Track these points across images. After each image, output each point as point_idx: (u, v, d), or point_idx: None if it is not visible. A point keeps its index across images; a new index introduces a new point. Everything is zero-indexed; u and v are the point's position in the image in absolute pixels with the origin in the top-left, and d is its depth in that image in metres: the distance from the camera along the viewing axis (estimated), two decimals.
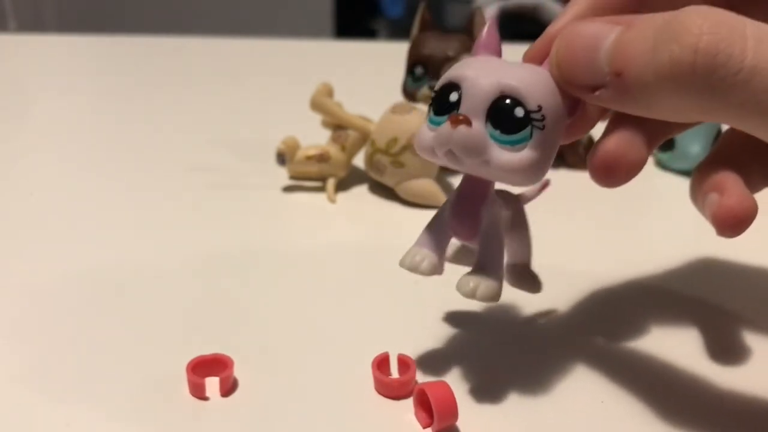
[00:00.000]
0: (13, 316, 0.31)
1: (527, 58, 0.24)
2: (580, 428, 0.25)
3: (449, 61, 0.45)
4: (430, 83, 0.45)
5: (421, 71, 0.46)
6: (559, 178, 0.49)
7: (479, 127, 0.22)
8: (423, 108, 0.45)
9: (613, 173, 0.22)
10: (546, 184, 0.30)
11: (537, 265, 0.29)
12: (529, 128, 0.22)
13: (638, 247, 0.39)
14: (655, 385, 0.27)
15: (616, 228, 0.42)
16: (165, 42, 0.91)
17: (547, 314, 0.31)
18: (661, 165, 0.49)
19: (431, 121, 0.23)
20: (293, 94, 0.52)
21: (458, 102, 0.22)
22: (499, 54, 0.24)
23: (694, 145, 0.46)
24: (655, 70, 0.19)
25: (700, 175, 0.24)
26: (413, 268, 0.24)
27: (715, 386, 0.27)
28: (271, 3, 1.72)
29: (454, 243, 0.27)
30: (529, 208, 0.28)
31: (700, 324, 0.31)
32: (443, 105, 0.22)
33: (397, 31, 1.86)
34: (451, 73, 0.23)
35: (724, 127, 0.25)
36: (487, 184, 0.24)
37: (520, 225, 0.28)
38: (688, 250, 0.38)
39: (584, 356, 0.29)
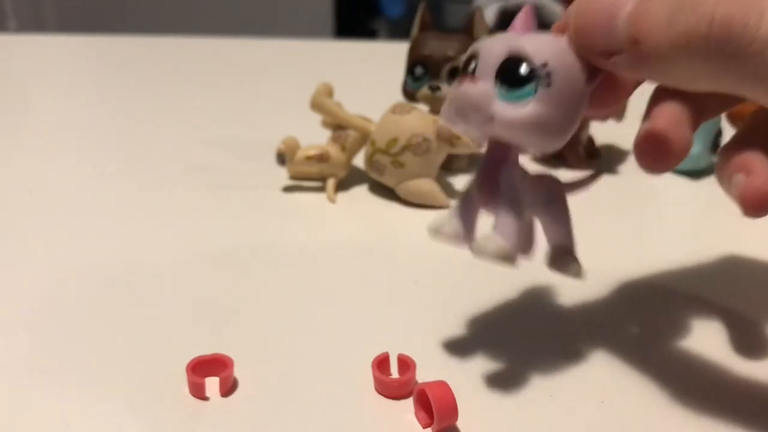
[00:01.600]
0: (13, 315, 0.31)
1: (554, 29, 0.24)
2: (580, 428, 0.25)
3: (449, 61, 0.45)
4: (430, 83, 0.45)
5: (421, 71, 0.46)
6: (559, 178, 0.49)
7: (484, 85, 0.23)
8: (423, 108, 0.45)
9: (664, 155, 0.22)
10: (596, 176, 0.29)
11: (535, 265, 0.29)
12: (533, 83, 0.22)
13: (638, 247, 0.39)
14: (655, 385, 0.27)
15: (616, 228, 0.42)
16: (165, 42, 0.91)
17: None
18: None
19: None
20: (293, 94, 0.52)
21: (476, 69, 0.23)
22: (533, 31, 0.24)
23: (694, 145, 0.46)
24: (671, 40, 0.20)
25: (726, 155, 0.23)
26: (436, 229, 0.26)
27: (717, 386, 0.27)
28: (271, 3, 1.72)
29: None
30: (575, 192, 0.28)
31: (700, 324, 0.31)
32: (463, 73, 0.24)
33: (397, 31, 1.86)
34: (473, 46, 0.24)
35: (724, 126, 0.25)
36: (506, 149, 0.25)
37: (554, 207, 0.27)
38: (688, 249, 0.38)
39: (584, 356, 0.29)
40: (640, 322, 0.31)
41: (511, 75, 0.22)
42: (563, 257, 0.27)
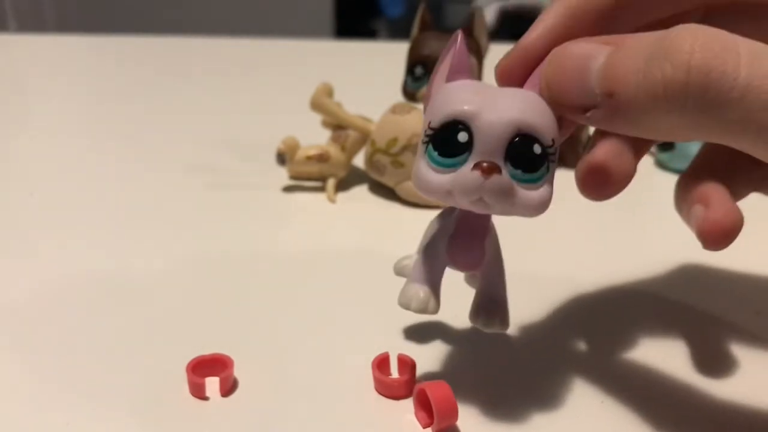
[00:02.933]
0: (13, 315, 0.31)
1: (501, 69, 0.23)
2: (580, 428, 0.25)
3: None
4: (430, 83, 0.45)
5: (421, 71, 0.46)
6: (558, 178, 0.49)
7: (506, 172, 0.21)
8: (423, 108, 0.45)
9: (603, 185, 0.22)
10: None
11: (535, 265, 0.29)
12: (546, 164, 0.21)
13: (638, 247, 0.39)
14: (654, 385, 0.27)
15: (616, 228, 0.42)
16: (165, 42, 0.91)
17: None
18: (661, 165, 0.49)
19: (436, 162, 0.21)
20: (293, 94, 0.52)
21: (469, 143, 0.21)
22: (470, 74, 0.23)
23: (693, 145, 0.46)
24: (647, 90, 0.19)
25: (684, 185, 0.23)
26: (421, 310, 0.24)
27: (712, 390, 0.27)
28: (271, 3, 1.72)
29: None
30: None
31: (701, 326, 0.31)
32: (451, 146, 0.21)
33: (397, 31, 1.86)
34: (448, 109, 0.21)
35: None
36: (488, 217, 0.24)
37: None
38: (688, 250, 0.38)
39: (584, 356, 0.29)
40: (641, 323, 0.31)
41: (528, 158, 0.21)
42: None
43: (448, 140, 0.21)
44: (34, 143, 0.54)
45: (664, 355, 0.29)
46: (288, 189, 0.45)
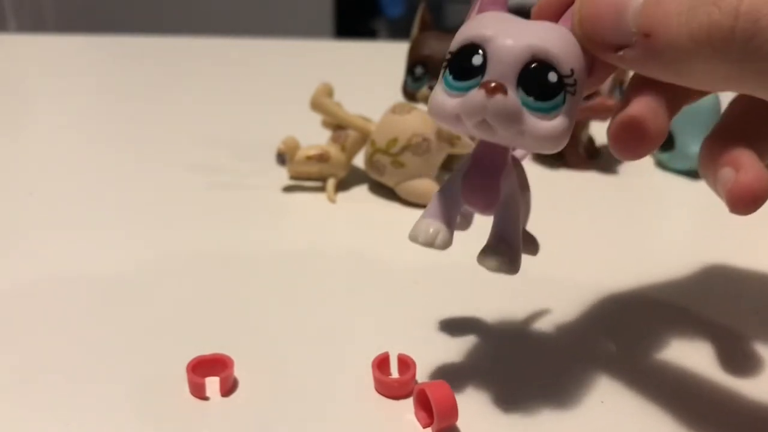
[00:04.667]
0: (13, 314, 0.31)
1: (538, 9, 0.23)
2: (580, 428, 0.25)
3: None
4: (430, 83, 0.45)
5: (421, 71, 0.46)
6: (559, 178, 0.49)
7: (514, 95, 0.20)
8: (423, 108, 0.45)
9: (639, 141, 0.21)
10: None
11: (535, 265, 0.29)
12: (562, 94, 0.20)
13: (638, 247, 0.39)
14: (654, 385, 0.27)
15: (616, 228, 0.42)
16: (165, 42, 0.91)
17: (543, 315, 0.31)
18: (661, 165, 0.49)
19: (449, 86, 0.21)
20: (293, 94, 0.52)
21: (483, 66, 0.21)
22: (502, 8, 0.22)
23: (694, 145, 0.46)
24: (691, 33, 0.18)
25: (711, 147, 0.22)
26: (428, 243, 0.23)
27: (714, 390, 0.27)
28: (271, 3, 1.72)
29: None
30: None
31: (702, 328, 0.31)
32: (465, 68, 0.21)
33: (397, 31, 1.86)
34: (469, 33, 0.21)
35: None
36: (506, 153, 0.23)
37: (523, 188, 0.26)
38: (688, 250, 0.38)
39: (584, 356, 0.29)
40: (641, 324, 0.31)
41: (542, 86, 0.20)
42: (525, 238, 0.26)
43: (463, 63, 0.21)
44: (34, 143, 0.54)
45: (664, 355, 0.29)
46: (288, 189, 0.45)
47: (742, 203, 0.20)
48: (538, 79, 0.20)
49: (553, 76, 0.20)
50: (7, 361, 0.28)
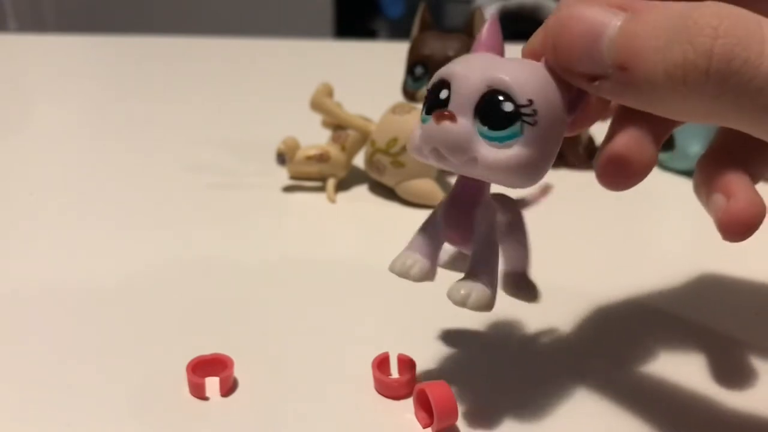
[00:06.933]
0: (14, 315, 0.31)
1: (527, 52, 0.23)
2: (580, 428, 0.25)
3: (449, 61, 0.45)
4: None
5: (421, 71, 0.46)
6: (559, 178, 0.49)
7: (465, 123, 0.21)
8: None
9: (624, 175, 0.21)
10: (547, 190, 0.29)
11: (535, 266, 0.29)
12: (518, 124, 0.20)
13: (638, 247, 0.39)
14: (654, 387, 0.27)
15: (616, 228, 0.42)
16: (165, 42, 0.91)
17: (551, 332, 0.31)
18: (661, 165, 0.49)
19: (423, 120, 0.22)
20: (293, 94, 0.52)
21: (448, 99, 0.21)
22: (500, 53, 0.23)
23: (694, 145, 0.46)
24: (666, 70, 0.18)
25: (703, 169, 0.22)
26: (403, 274, 0.24)
27: (712, 392, 0.27)
28: (271, 3, 1.72)
29: (449, 248, 0.26)
30: (527, 209, 0.28)
31: (702, 329, 0.31)
32: (433, 103, 0.22)
33: (397, 31, 1.86)
34: (442, 71, 0.22)
35: None
36: (481, 187, 0.23)
37: (518, 231, 0.26)
38: (689, 250, 0.38)
39: (584, 356, 0.29)
40: (642, 325, 0.31)
41: (494, 114, 0.20)
42: (522, 283, 0.27)
43: (432, 98, 0.22)
44: (34, 143, 0.54)
45: (663, 358, 0.29)
46: (288, 189, 0.45)
47: (732, 231, 0.20)
48: (491, 108, 0.21)
49: (508, 106, 0.20)
50: (7, 361, 0.28)
